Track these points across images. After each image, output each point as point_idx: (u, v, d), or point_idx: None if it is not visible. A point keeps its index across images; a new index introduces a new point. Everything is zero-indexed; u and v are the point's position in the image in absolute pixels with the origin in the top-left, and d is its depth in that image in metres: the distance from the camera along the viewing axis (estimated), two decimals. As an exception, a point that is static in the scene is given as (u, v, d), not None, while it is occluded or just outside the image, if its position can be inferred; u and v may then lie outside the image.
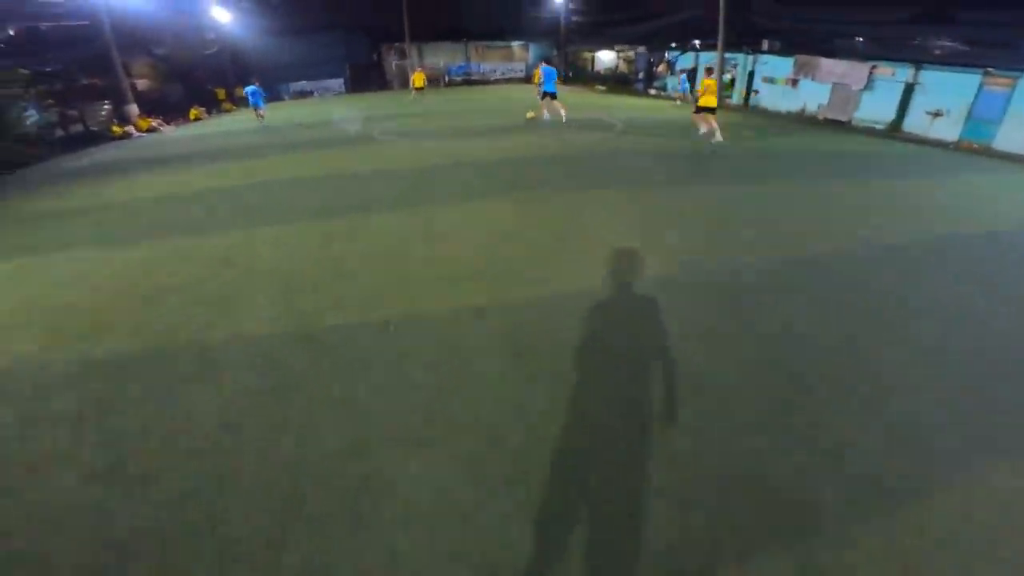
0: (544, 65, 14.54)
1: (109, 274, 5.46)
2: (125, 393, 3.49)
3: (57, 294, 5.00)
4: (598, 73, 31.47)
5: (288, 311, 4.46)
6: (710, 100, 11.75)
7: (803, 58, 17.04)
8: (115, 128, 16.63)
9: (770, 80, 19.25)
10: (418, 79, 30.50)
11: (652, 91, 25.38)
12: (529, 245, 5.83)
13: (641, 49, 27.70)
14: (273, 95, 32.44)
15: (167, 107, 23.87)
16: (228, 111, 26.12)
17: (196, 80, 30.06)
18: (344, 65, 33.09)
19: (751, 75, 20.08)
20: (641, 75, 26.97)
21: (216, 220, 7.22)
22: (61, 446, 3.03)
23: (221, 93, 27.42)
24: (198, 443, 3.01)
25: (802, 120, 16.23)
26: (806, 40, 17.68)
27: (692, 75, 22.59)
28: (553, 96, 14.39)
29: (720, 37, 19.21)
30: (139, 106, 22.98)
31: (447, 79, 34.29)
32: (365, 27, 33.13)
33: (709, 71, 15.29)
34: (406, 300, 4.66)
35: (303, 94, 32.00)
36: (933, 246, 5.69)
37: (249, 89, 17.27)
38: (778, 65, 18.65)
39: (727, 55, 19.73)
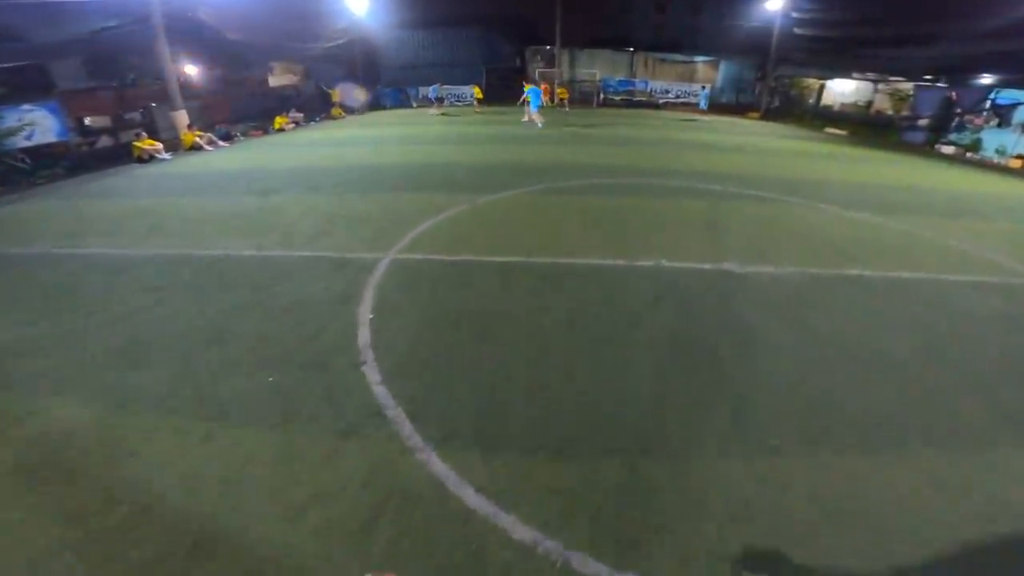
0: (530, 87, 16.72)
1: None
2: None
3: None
4: (828, 109, 21.04)
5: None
6: None
7: None
8: (138, 146, 11.23)
9: None
10: (563, 93, 23.18)
11: (946, 148, 14.80)
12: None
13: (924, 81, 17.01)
14: (398, 100, 26.96)
15: (262, 113, 18.98)
16: (336, 117, 20.66)
17: (321, 77, 25.50)
18: (481, 69, 26.41)
19: None
20: (923, 121, 16.32)
21: None
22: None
23: (335, 94, 22.15)
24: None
25: None
26: None
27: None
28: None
29: None
30: (276, 106, 18.42)
31: (602, 96, 26.03)
32: (509, 24, 26.04)
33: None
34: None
35: (435, 100, 25.72)
36: None
37: (531, 90, 16.43)
38: None
39: None
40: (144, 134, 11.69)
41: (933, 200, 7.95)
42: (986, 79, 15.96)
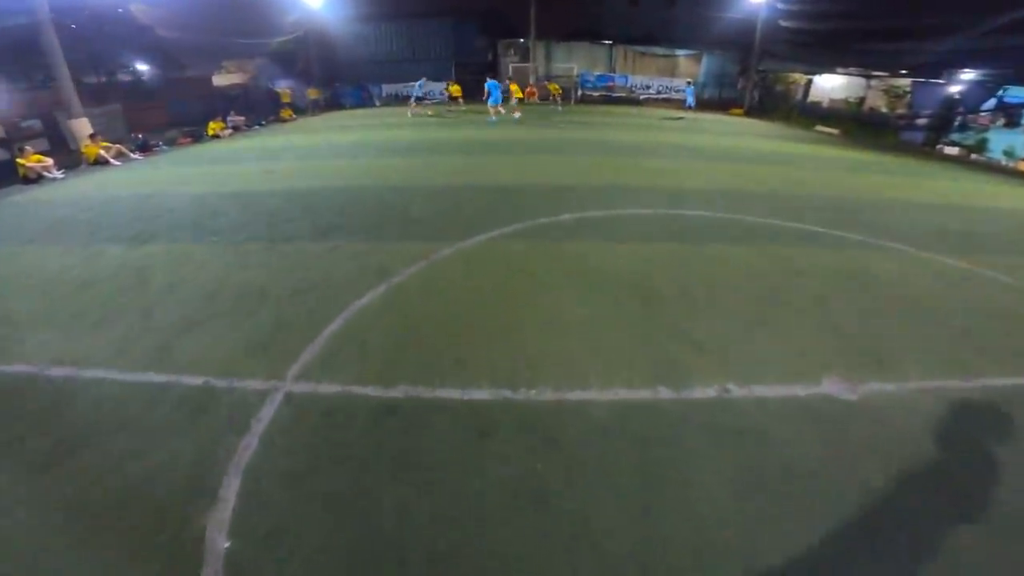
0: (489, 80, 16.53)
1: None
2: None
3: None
4: (816, 106, 19.85)
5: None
6: None
7: None
8: (22, 163, 8.75)
9: None
10: (555, 88, 21.50)
11: (948, 149, 13.67)
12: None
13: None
14: (360, 99, 24.57)
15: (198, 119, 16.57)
16: (287, 119, 18.27)
17: (271, 75, 22.94)
18: (450, 65, 24.26)
19: None
20: (921, 120, 15.19)
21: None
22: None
23: (286, 95, 19.72)
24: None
25: None
26: None
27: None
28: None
29: None
30: (222, 110, 16.06)
31: (580, 92, 24.32)
32: (480, 16, 23.92)
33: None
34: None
35: (401, 98, 23.25)
36: None
37: (491, 83, 15.99)
38: None
39: None
40: (29, 148, 9.32)
41: (997, 229, 6.45)
42: (970, 74, 14.92)
